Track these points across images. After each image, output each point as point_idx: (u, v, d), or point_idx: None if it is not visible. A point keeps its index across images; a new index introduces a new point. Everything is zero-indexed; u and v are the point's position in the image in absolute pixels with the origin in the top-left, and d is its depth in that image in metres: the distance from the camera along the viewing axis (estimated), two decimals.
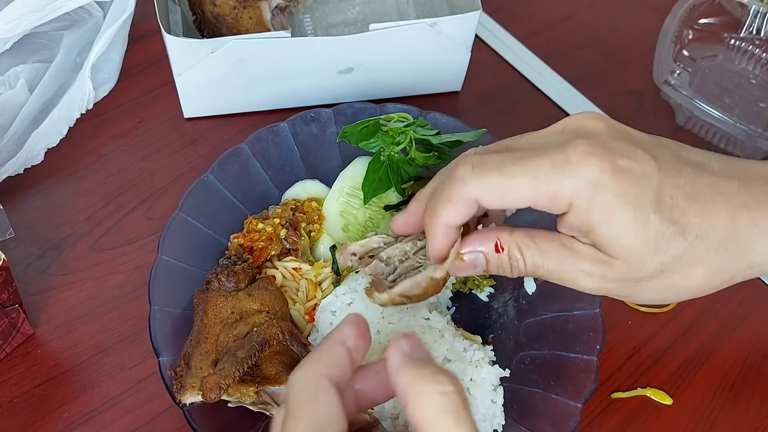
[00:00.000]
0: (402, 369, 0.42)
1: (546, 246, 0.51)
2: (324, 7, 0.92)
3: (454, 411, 0.39)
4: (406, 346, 0.43)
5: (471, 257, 0.52)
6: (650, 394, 0.69)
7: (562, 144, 0.48)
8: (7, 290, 0.64)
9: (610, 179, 0.47)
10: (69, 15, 0.82)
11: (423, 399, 0.39)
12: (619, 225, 0.48)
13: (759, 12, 0.87)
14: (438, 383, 0.39)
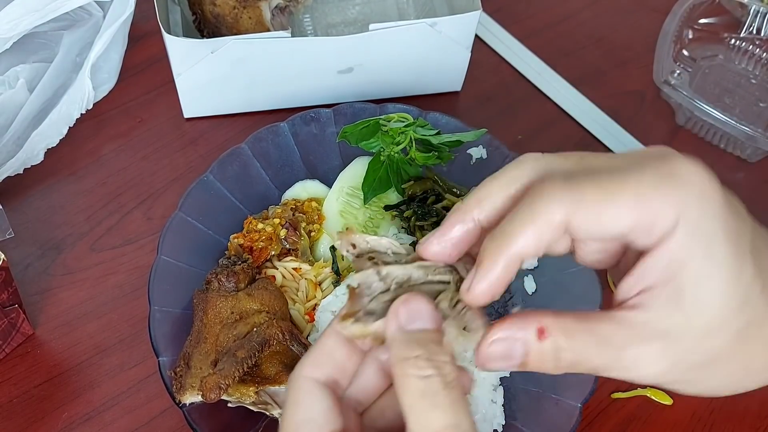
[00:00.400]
0: (393, 345, 0.38)
1: (600, 328, 0.39)
2: (324, 7, 0.92)
3: (432, 394, 0.36)
4: (404, 315, 0.39)
5: (505, 346, 0.39)
6: (650, 394, 0.68)
7: (663, 156, 0.38)
8: (7, 290, 0.64)
9: (721, 198, 0.37)
10: (69, 15, 0.82)
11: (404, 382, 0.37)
12: (717, 263, 0.37)
13: (759, 12, 0.87)
14: (417, 368, 0.37)
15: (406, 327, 0.38)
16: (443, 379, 0.37)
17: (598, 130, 0.87)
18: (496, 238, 0.38)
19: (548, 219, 0.37)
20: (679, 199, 0.37)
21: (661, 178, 0.37)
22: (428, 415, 0.36)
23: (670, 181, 0.37)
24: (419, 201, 0.73)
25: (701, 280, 0.37)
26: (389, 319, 0.39)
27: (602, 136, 0.87)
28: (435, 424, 0.36)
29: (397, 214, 0.73)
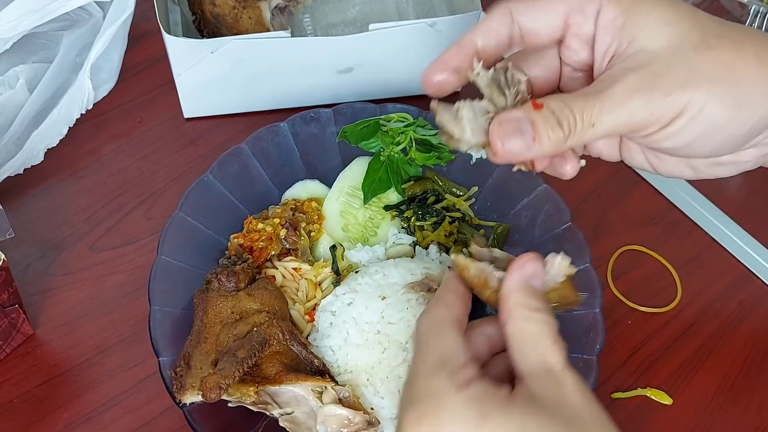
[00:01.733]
0: (516, 291, 0.47)
1: (584, 89, 0.46)
2: (324, 7, 0.92)
3: (553, 335, 0.46)
4: (530, 270, 0.48)
5: (513, 123, 0.45)
6: (650, 394, 0.68)
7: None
8: (7, 290, 0.64)
9: None
10: (69, 15, 0.82)
11: (527, 323, 0.46)
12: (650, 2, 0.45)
13: (759, 12, 0.87)
14: (543, 313, 0.46)
15: (528, 281, 0.48)
16: (555, 326, 0.47)
17: None
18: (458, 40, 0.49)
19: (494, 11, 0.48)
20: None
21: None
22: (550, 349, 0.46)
23: None
24: (419, 201, 0.73)
25: (645, 21, 0.45)
26: (514, 271, 0.48)
27: None
28: (556, 356, 0.46)
29: (397, 214, 0.73)
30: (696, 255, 0.78)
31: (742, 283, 0.76)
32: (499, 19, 0.48)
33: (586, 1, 0.46)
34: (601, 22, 0.46)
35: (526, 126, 0.45)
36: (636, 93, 0.44)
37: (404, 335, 0.61)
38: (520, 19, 0.47)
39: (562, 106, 0.44)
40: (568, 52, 0.50)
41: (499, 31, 0.48)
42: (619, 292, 0.75)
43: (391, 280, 0.64)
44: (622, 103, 0.44)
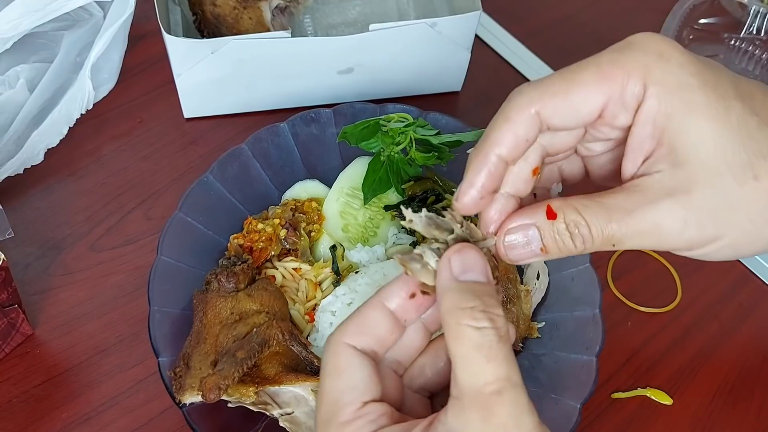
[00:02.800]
0: (446, 294, 0.39)
1: (609, 200, 0.40)
2: (324, 8, 0.92)
3: (487, 346, 0.36)
4: (458, 265, 0.39)
5: (521, 234, 0.40)
6: (650, 394, 0.68)
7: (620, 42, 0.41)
8: (7, 290, 0.64)
9: (687, 56, 0.39)
10: (69, 15, 0.82)
11: (457, 332, 0.37)
12: (702, 108, 0.38)
13: (759, 12, 0.87)
14: (473, 319, 0.37)
15: (460, 277, 0.39)
16: (497, 332, 0.37)
17: None
18: (477, 146, 0.40)
19: (518, 112, 0.39)
20: (639, 64, 0.39)
21: (617, 53, 0.39)
22: (482, 367, 0.36)
23: (627, 52, 0.39)
24: (419, 201, 0.73)
25: (688, 129, 0.39)
26: (441, 269, 0.39)
27: None
28: (489, 376, 0.36)
29: (397, 214, 0.73)
30: None
31: (742, 283, 0.76)
32: (525, 125, 0.40)
33: (627, 91, 0.39)
34: (642, 115, 0.40)
35: (534, 235, 0.40)
36: (668, 225, 0.39)
37: None
38: (550, 119, 0.40)
39: (580, 221, 0.39)
40: (596, 132, 0.43)
41: (528, 137, 0.40)
42: (620, 293, 0.75)
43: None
44: (652, 232, 0.39)
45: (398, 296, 0.41)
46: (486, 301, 0.38)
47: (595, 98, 0.39)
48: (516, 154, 0.40)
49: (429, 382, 0.43)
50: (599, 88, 0.39)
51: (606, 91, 0.39)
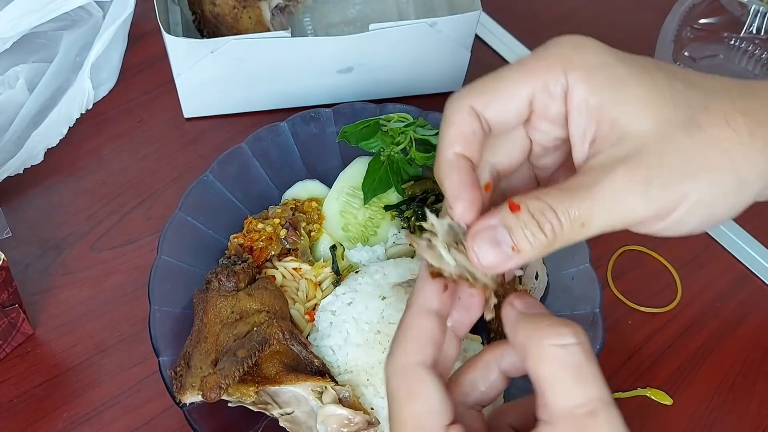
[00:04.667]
0: (518, 326, 0.38)
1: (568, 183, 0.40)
2: (324, 7, 0.92)
3: (575, 366, 0.35)
4: (520, 304, 0.39)
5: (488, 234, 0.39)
6: (650, 394, 0.68)
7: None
8: (7, 290, 0.64)
9: (597, 43, 0.41)
10: (69, 15, 0.82)
11: (540, 353, 0.36)
12: (624, 81, 0.40)
13: (759, 12, 0.87)
14: (557, 335, 0.36)
15: (526, 311, 0.39)
16: (583, 347, 0.36)
17: None
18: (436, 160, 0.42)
19: (455, 112, 0.41)
20: (558, 55, 0.40)
21: (540, 51, 0.41)
22: (573, 388, 0.35)
23: (547, 49, 0.41)
24: (419, 201, 0.73)
25: (622, 100, 0.40)
26: (506, 311, 0.40)
27: None
28: (581, 397, 0.35)
29: (397, 214, 0.73)
30: (696, 255, 0.78)
31: (742, 283, 0.77)
32: (466, 120, 0.41)
33: (549, 80, 0.40)
34: (573, 102, 0.41)
35: (503, 235, 0.38)
36: (630, 190, 0.39)
37: None
38: (485, 112, 0.41)
39: (544, 207, 0.38)
40: (538, 134, 0.44)
41: (473, 130, 0.41)
42: (619, 292, 0.75)
43: (391, 280, 0.64)
44: (616, 202, 0.39)
45: (434, 294, 0.41)
46: (563, 321, 0.37)
47: (521, 89, 0.41)
48: (471, 149, 0.41)
49: (484, 397, 0.43)
50: (524, 80, 0.41)
51: (530, 81, 0.41)
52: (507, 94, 0.41)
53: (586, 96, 0.40)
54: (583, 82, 0.40)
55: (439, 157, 0.42)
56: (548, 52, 0.41)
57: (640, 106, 0.40)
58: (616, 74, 0.40)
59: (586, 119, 0.40)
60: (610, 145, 0.40)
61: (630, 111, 0.40)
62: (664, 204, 0.39)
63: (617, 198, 0.39)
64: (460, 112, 0.41)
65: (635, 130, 0.39)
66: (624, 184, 0.39)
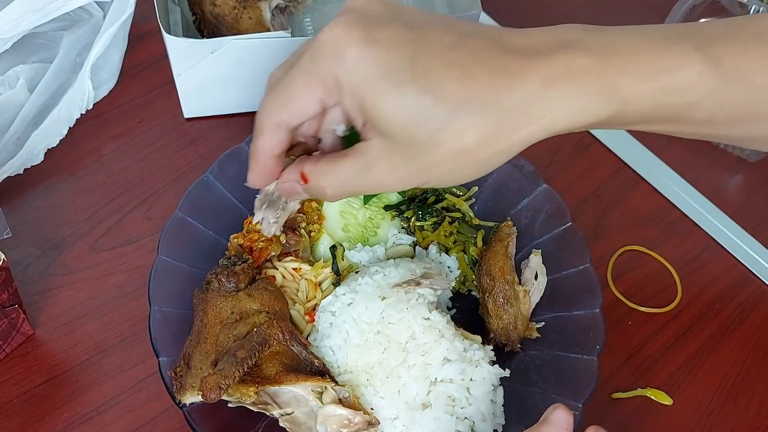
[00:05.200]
0: None
1: (342, 161, 0.51)
2: (324, 8, 0.92)
3: None
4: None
5: (288, 185, 0.55)
6: (650, 394, 0.68)
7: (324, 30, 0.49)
8: (7, 290, 0.64)
9: (363, 49, 0.46)
10: (69, 15, 0.82)
11: None
12: (382, 96, 0.47)
13: (759, 12, 0.87)
14: None
15: None
16: None
17: (598, 131, 0.87)
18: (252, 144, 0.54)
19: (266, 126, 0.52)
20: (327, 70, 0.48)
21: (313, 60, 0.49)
22: None
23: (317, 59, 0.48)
24: (419, 201, 0.73)
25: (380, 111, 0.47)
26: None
27: (602, 136, 0.87)
28: None
29: (397, 214, 0.73)
30: (696, 255, 0.78)
31: (742, 283, 0.77)
32: (274, 133, 0.52)
33: (327, 89, 0.49)
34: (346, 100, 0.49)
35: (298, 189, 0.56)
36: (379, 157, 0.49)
37: (404, 335, 0.61)
38: (289, 123, 0.51)
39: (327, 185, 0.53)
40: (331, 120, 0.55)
41: (281, 140, 0.52)
42: (619, 293, 0.75)
43: (391, 280, 0.64)
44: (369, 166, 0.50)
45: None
46: None
47: (309, 103, 0.50)
48: (279, 149, 0.53)
49: None
50: (308, 95, 0.49)
51: (313, 96, 0.49)
52: (301, 106, 0.50)
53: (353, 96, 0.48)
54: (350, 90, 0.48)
55: (253, 156, 0.54)
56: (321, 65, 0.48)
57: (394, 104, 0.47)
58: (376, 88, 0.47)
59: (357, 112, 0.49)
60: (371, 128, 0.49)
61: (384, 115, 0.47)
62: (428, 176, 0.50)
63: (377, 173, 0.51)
64: (269, 126, 0.52)
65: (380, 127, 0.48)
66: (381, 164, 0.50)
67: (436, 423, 0.59)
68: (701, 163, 0.85)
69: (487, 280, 0.67)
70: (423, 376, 0.60)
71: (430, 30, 0.47)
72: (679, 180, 0.83)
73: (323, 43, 0.48)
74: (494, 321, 0.66)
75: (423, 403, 0.60)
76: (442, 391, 0.60)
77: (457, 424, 0.60)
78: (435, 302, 0.65)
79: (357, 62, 0.47)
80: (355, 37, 0.47)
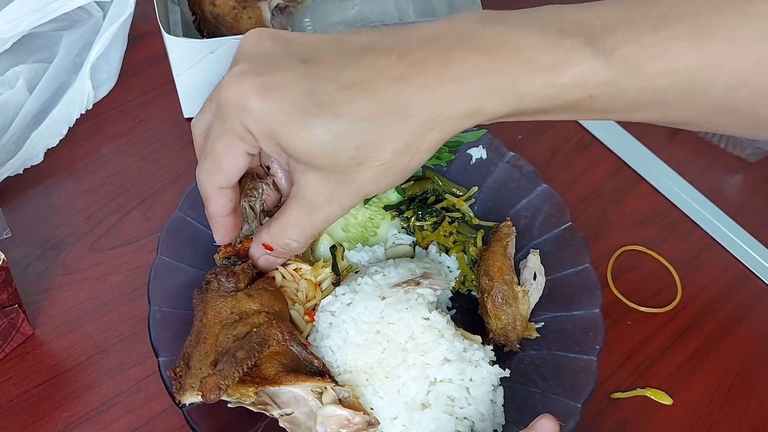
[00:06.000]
0: None
1: (289, 215, 0.56)
2: (323, 7, 0.92)
3: None
4: None
5: (264, 261, 0.63)
6: (650, 394, 0.68)
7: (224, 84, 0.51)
8: (7, 290, 0.64)
9: (263, 98, 0.49)
10: (69, 15, 0.82)
11: None
12: (295, 135, 0.49)
13: None
14: None
15: None
16: None
17: (597, 131, 0.87)
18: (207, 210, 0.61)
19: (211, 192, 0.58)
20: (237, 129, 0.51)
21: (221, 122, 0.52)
22: None
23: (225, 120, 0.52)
24: (419, 201, 0.73)
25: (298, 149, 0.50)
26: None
27: (602, 136, 0.87)
28: None
29: (396, 214, 0.73)
30: (696, 255, 0.78)
31: (741, 282, 0.77)
32: (220, 195, 0.58)
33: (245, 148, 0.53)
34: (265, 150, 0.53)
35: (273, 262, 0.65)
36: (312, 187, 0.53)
37: (404, 335, 0.61)
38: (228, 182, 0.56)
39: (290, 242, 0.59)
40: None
41: (230, 198, 0.59)
42: (619, 292, 0.75)
43: (390, 280, 0.64)
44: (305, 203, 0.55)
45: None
46: None
47: (237, 160, 0.54)
48: (231, 204, 0.59)
49: None
50: (232, 154, 0.53)
51: (237, 153, 0.53)
52: (230, 165, 0.54)
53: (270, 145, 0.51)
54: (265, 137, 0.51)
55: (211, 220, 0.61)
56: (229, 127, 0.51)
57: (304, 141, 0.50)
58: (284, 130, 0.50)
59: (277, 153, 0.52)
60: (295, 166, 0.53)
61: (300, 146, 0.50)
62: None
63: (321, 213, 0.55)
64: (212, 193, 0.58)
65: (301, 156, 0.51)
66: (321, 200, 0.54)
67: (435, 423, 0.59)
68: (701, 163, 0.85)
69: (486, 281, 0.67)
70: (422, 376, 0.60)
71: (321, 56, 0.50)
72: (678, 179, 0.83)
73: (225, 104, 0.50)
74: (493, 321, 0.66)
75: (422, 403, 0.60)
76: (442, 391, 0.60)
77: (456, 424, 0.60)
78: (435, 302, 0.65)
79: (261, 112, 0.49)
80: (252, 88, 0.49)
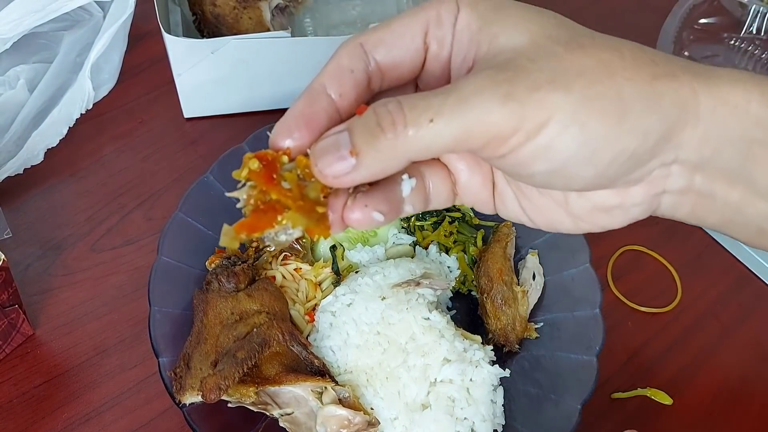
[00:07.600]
0: None
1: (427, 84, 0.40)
2: (324, 8, 0.92)
3: None
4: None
5: (331, 139, 0.37)
6: (650, 394, 0.68)
7: None
8: (7, 290, 0.64)
9: None
10: (69, 15, 0.82)
11: None
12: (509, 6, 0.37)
13: (759, 12, 0.87)
14: None
15: None
16: None
17: None
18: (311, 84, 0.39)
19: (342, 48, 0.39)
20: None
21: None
22: None
23: None
24: None
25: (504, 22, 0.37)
26: None
27: None
28: None
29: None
30: (696, 255, 0.78)
31: (742, 283, 0.76)
32: (350, 55, 0.38)
33: (442, 11, 0.38)
34: (458, 27, 0.38)
35: (343, 138, 0.35)
36: (490, 89, 0.34)
37: (404, 336, 0.61)
38: (375, 51, 0.39)
39: (389, 101, 0.35)
40: (430, 79, 0.41)
41: (352, 68, 0.38)
42: (620, 293, 0.75)
43: (391, 280, 0.64)
44: (472, 99, 0.34)
45: None
46: None
47: (415, 23, 0.39)
48: (339, 84, 0.38)
49: None
50: (417, 15, 0.39)
51: (424, 15, 0.38)
52: (401, 29, 0.39)
53: (469, 20, 0.38)
54: (469, 7, 0.38)
55: (305, 90, 0.40)
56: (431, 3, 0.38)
57: (521, 24, 0.37)
58: (502, 1, 0.38)
59: (467, 43, 0.38)
60: (485, 62, 0.36)
61: (509, 28, 0.37)
62: (527, 114, 0.34)
63: (475, 95, 0.34)
64: (346, 47, 0.38)
65: (512, 44, 0.36)
66: (485, 81, 0.34)
67: (435, 424, 0.59)
68: None
69: (486, 281, 0.67)
70: (423, 376, 0.60)
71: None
72: None
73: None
74: (492, 322, 0.66)
75: (423, 403, 0.60)
76: (442, 391, 0.60)
77: (456, 424, 0.60)
78: (435, 302, 0.64)
79: None
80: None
